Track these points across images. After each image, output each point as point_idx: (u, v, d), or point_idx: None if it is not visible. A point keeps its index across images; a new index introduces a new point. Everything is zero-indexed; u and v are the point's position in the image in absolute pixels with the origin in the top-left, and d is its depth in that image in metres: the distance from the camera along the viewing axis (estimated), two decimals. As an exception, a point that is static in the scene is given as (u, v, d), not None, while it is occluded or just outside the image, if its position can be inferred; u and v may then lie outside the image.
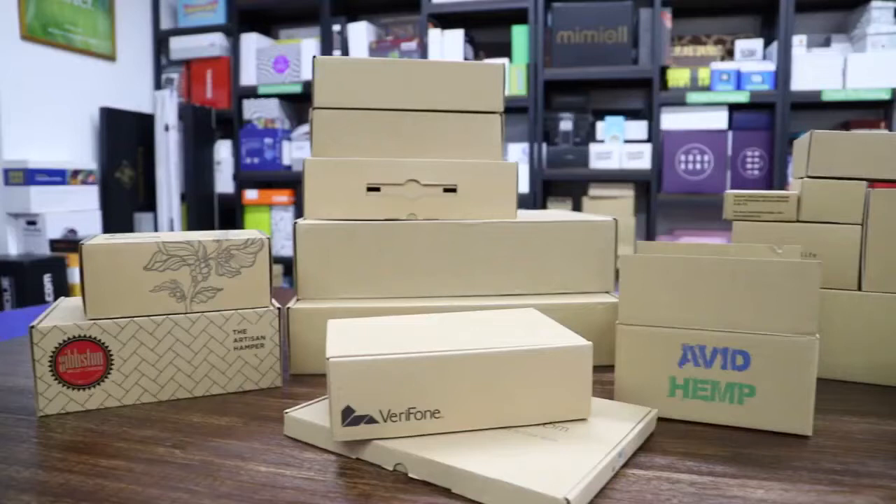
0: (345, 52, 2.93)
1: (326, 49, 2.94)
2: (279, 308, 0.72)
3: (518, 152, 2.76)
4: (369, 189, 0.81)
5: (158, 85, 3.28)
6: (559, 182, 2.96)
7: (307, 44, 2.98)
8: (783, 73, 2.46)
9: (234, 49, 3.07)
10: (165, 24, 3.31)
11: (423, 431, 0.53)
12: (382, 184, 0.81)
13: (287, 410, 0.59)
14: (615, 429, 0.54)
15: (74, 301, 0.75)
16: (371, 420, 0.52)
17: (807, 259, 0.72)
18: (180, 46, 3.19)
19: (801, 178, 0.77)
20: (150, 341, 0.66)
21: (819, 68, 2.45)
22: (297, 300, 0.79)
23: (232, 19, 3.07)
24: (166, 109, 2.97)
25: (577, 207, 2.87)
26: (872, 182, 0.77)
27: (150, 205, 3.14)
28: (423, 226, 0.80)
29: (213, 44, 3.12)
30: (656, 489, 0.49)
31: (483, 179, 0.82)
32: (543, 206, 2.77)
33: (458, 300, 0.79)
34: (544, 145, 2.68)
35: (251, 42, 3.07)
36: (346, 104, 0.82)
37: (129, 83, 3.17)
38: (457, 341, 0.55)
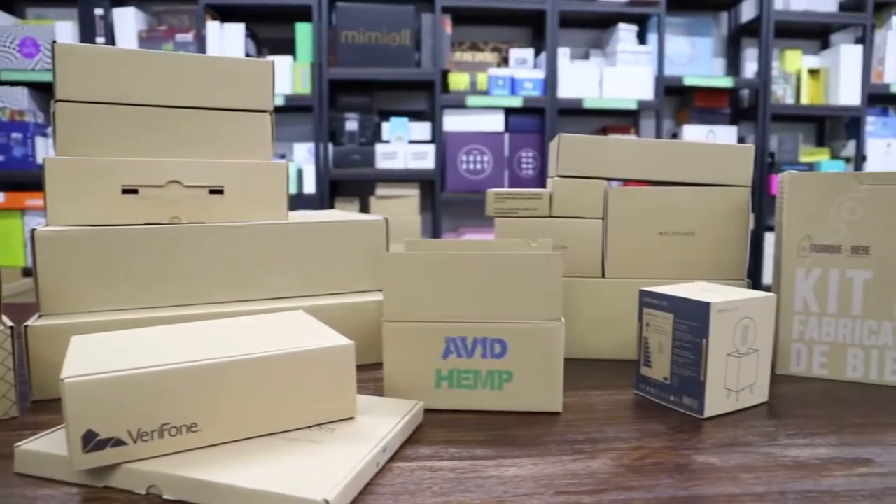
0: (110, 40, 2.67)
1: (88, 35, 2.65)
2: (12, 327, 0.63)
3: (304, 152, 2.72)
4: (125, 191, 0.74)
5: None
6: (347, 182, 2.96)
7: (63, 27, 2.66)
8: (551, 81, 2.69)
9: (-31, 28, 2.65)
10: None
11: (181, 448, 0.50)
12: (140, 185, 0.75)
13: (18, 444, 0.52)
14: (381, 425, 0.55)
15: None
16: (119, 442, 0.48)
17: (557, 251, 0.79)
18: None
19: (553, 177, 0.85)
20: None
21: (580, 78, 2.71)
22: (39, 316, 0.70)
23: (-37, -8, 2.65)
24: None
25: (364, 207, 2.89)
26: (626, 181, 0.86)
27: None
28: (187, 229, 0.75)
29: (-63, 19, 2.67)
30: (419, 479, 0.51)
31: (252, 180, 0.79)
32: (331, 207, 2.75)
33: (226, 306, 0.76)
34: (330, 145, 2.66)
35: (-10, 21, 2.67)
36: (95, 97, 0.74)
37: None
38: (212, 349, 0.53)
